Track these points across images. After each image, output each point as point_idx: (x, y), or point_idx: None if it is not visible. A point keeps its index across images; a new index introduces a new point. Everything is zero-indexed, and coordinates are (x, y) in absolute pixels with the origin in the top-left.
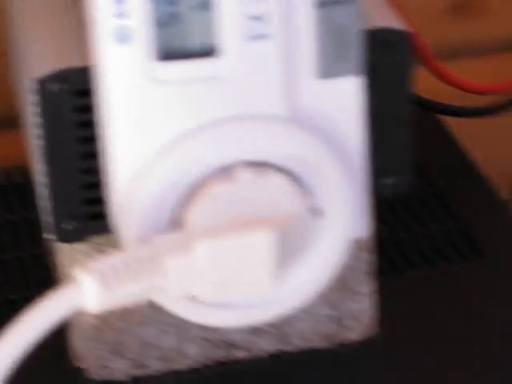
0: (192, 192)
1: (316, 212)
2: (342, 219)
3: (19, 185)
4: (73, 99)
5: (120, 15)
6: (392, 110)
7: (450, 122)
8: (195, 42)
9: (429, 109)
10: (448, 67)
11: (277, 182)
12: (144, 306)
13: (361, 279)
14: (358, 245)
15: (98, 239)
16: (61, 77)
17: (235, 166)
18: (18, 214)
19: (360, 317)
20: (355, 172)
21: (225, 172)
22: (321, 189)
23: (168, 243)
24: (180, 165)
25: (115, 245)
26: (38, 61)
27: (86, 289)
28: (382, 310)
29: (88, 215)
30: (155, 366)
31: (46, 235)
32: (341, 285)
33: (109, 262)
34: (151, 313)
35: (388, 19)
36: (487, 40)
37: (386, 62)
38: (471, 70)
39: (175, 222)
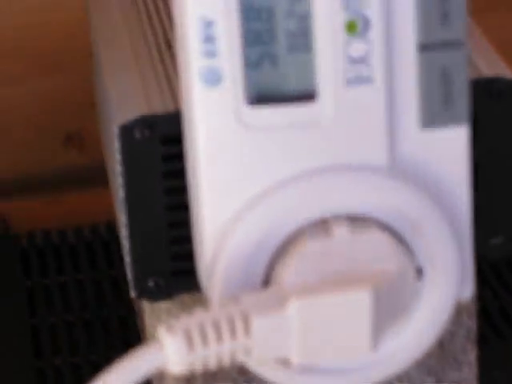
0: (285, 248)
1: (417, 272)
2: (445, 281)
3: (106, 241)
4: (158, 146)
5: (209, 55)
6: (503, 165)
7: None
8: (290, 85)
9: None
10: None
11: (376, 238)
12: (233, 369)
13: (463, 347)
14: (459, 309)
15: (184, 297)
16: (145, 123)
17: (331, 220)
18: (104, 271)
19: None
20: (460, 230)
21: (320, 226)
22: (422, 247)
23: (256, 301)
24: (271, 219)
25: (203, 304)
26: (123, 107)
27: (168, 349)
28: (486, 379)
29: (174, 272)
30: None
31: (131, 293)
32: (443, 353)
33: (193, 321)
34: (240, 377)
35: (497, 68)
36: None
37: (496, 113)
38: None
39: (268, 281)
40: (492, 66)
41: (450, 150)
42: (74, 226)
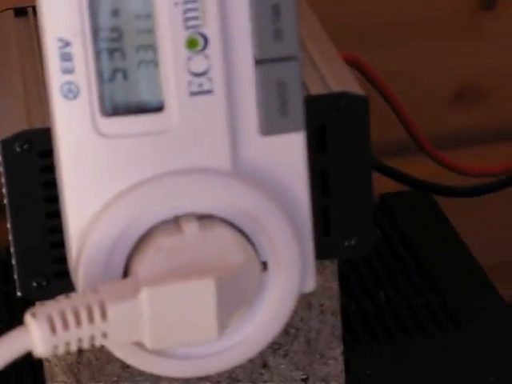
0: (140, 244)
1: (262, 265)
2: (286, 275)
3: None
4: (35, 159)
5: (66, 72)
6: (352, 172)
7: (447, 204)
8: (141, 97)
9: (424, 189)
10: (452, 154)
11: (222, 234)
12: (116, 365)
13: (329, 343)
14: (323, 309)
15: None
16: (23, 137)
17: (182, 218)
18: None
19: (329, 380)
20: (301, 228)
21: (172, 224)
22: (266, 243)
23: (113, 290)
24: (126, 218)
25: None
26: (6, 123)
27: (33, 333)
28: (354, 374)
29: (55, 273)
30: None
31: (18, 293)
32: (310, 349)
33: (55, 307)
34: (123, 372)
35: (345, 83)
36: (489, 128)
37: (344, 125)
38: (477, 157)
39: (127, 274)
40: (341, 82)
41: (288, 155)
42: None
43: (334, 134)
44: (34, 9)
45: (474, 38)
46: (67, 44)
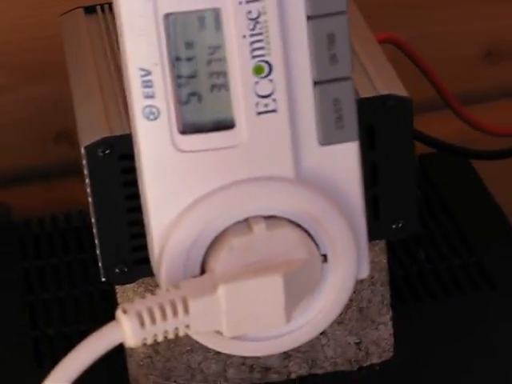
0: (215, 243)
1: (323, 258)
2: (344, 265)
3: (78, 228)
4: (116, 162)
5: (148, 97)
6: (398, 165)
7: (480, 165)
8: (214, 117)
9: (459, 154)
10: (480, 110)
11: (287, 233)
12: (189, 337)
13: (379, 310)
14: (373, 280)
15: (146, 279)
16: (104, 144)
17: (251, 220)
18: (90, 252)
19: (380, 343)
20: (356, 224)
21: (243, 225)
22: (325, 238)
23: (193, 287)
24: (204, 222)
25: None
26: (88, 130)
27: (124, 327)
28: (401, 335)
29: (135, 261)
30: None
31: (102, 278)
32: (362, 316)
33: (143, 304)
34: (196, 343)
35: (391, 86)
36: None
37: (390, 123)
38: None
39: (204, 271)
40: (387, 84)
41: (344, 162)
42: (64, 214)
43: (382, 131)
44: (102, 7)
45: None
46: (148, 73)
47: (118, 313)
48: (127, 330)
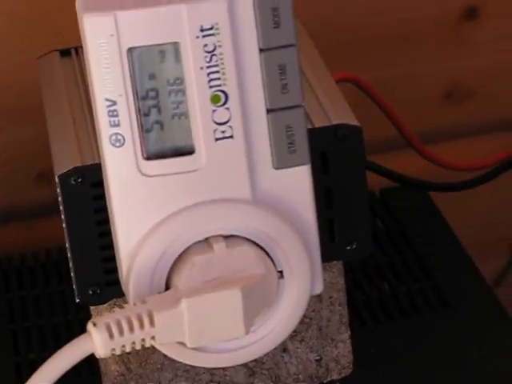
0: (178, 261)
1: (278, 274)
2: (299, 281)
3: (57, 263)
4: (88, 189)
5: (114, 125)
6: (351, 189)
7: (439, 198)
8: (175, 143)
9: (418, 186)
10: (440, 148)
11: (246, 251)
12: (160, 355)
13: (338, 329)
14: (332, 300)
15: (119, 301)
16: (76, 173)
17: (212, 239)
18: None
19: (339, 360)
20: (309, 243)
21: (204, 244)
22: (281, 256)
23: (158, 301)
24: (167, 241)
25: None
26: (62, 160)
27: (94, 338)
28: (360, 353)
29: (107, 282)
30: None
31: (76, 300)
32: (322, 334)
33: (112, 317)
34: (166, 360)
35: (342, 115)
36: (474, 123)
37: (342, 151)
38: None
39: (168, 287)
40: (339, 114)
41: (298, 184)
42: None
43: (335, 158)
44: (77, 49)
45: (457, 45)
46: (114, 103)
47: (89, 325)
48: (97, 341)
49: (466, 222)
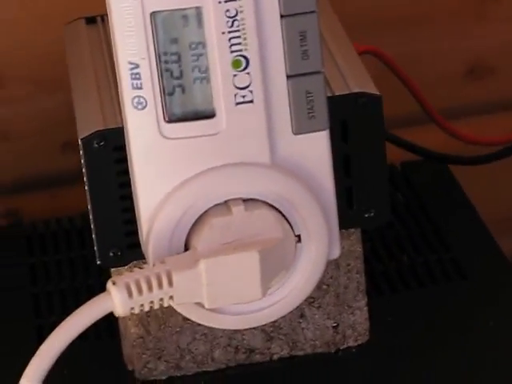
0: (197, 223)
1: (296, 238)
2: (316, 244)
3: (80, 229)
4: (110, 153)
5: (136, 88)
6: (370, 158)
7: (459, 172)
8: (196, 107)
9: (434, 159)
10: (461, 124)
11: (264, 214)
12: (179, 318)
13: (355, 296)
14: (349, 268)
15: (138, 263)
16: (99, 136)
17: (230, 202)
18: (78, 252)
19: (356, 327)
20: (327, 207)
21: (223, 206)
22: (299, 220)
23: (176, 262)
24: (187, 203)
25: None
26: (84, 123)
27: (114, 297)
28: (377, 321)
29: (127, 245)
30: (189, 367)
31: (98, 261)
32: (339, 301)
33: (131, 277)
34: (185, 324)
35: (362, 84)
36: (495, 99)
37: (362, 119)
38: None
39: (187, 248)
40: (359, 82)
41: (316, 149)
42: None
43: (354, 126)
44: (103, 17)
45: (480, 22)
46: (136, 66)
47: (109, 284)
48: (116, 299)
49: (486, 196)
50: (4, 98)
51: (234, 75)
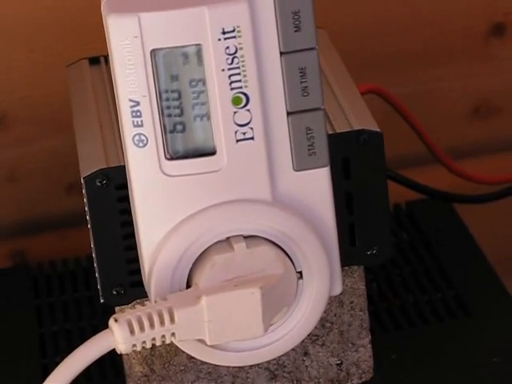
0: (199, 260)
1: (297, 275)
2: (318, 281)
3: (86, 270)
4: (113, 191)
5: (137, 126)
6: (372, 194)
7: (464, 211)
8: (197, 144)
9: (444, 199)
10: (467, 163)
11: (266, 251)
12: (183, 357)
13: (358, 334)
14: (353, 305)
15: (142, 301)
16: (102, 174)
17: (232, 239)
18: (83, 293)
19: (360, 364)
20: (328, 244)
21: (224, 244)
22: (300, 257)
23: (178, 299)
24: (188, 241)
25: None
26: (88, 162)
27: (116, 334)
28: (382, 359)
29: (131, 283)
30: None
31: (101, 300)
32: (343, 339)
33: (133, 314)
34: (189, 362)
35: (364, 121)
36: (501, 138)
37: (363, 156)
38: (490, 166)
39: (189, 286)
40: (360, 119)
41: (317, 186)
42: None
43: (356, 163)
44: (106, 58)
45: (484, 61)
46: (137, 103)
47: (110, 321)
48: (118, 336)
49: (490, 235)
50: (9, 139)
51: (235, 112)
